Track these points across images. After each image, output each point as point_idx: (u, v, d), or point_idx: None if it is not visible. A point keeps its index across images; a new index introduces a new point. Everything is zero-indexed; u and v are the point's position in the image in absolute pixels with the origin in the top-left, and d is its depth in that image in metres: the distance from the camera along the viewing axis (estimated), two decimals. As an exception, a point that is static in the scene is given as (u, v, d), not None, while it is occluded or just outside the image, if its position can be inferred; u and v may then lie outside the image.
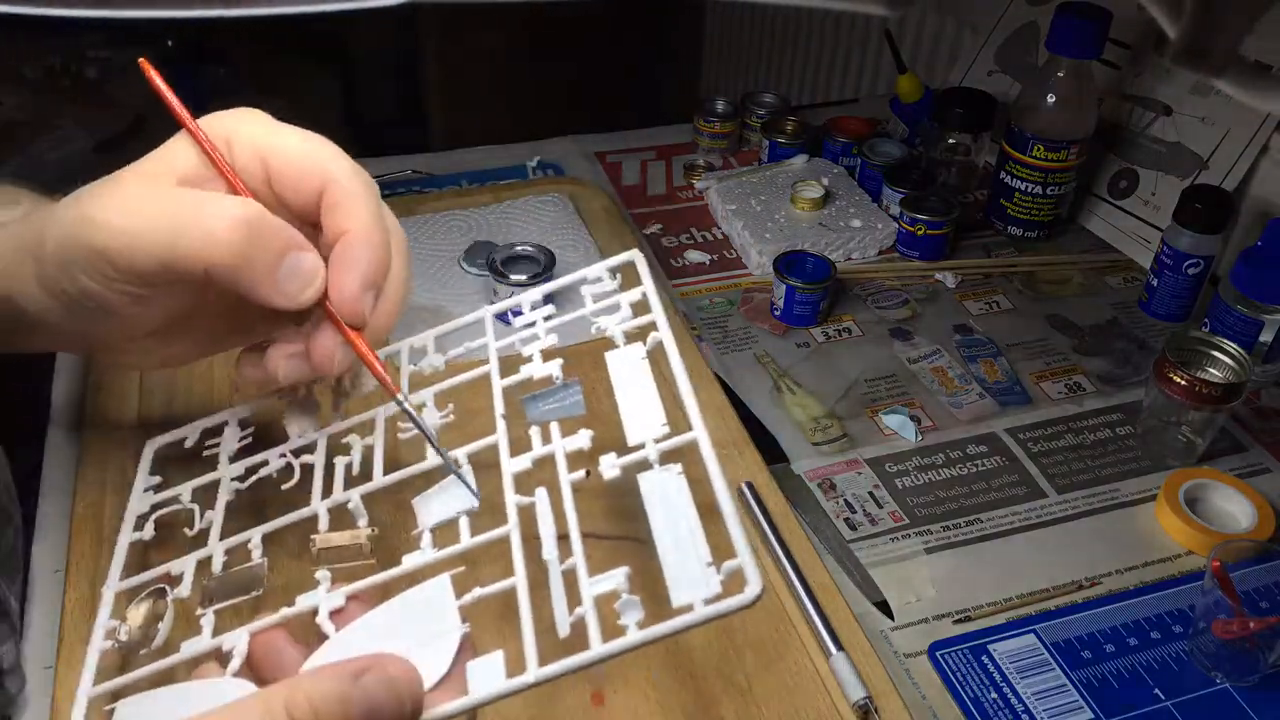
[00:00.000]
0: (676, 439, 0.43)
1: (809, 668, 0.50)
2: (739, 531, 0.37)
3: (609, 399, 0.46)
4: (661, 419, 0.44)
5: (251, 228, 0.41)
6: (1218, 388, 0.62)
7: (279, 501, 0.50)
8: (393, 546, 0.47)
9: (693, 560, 0.38)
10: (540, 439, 0.46)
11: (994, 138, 0.91)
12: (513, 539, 0.42)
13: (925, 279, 0.82)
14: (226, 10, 0.29)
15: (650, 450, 0.43)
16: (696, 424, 0.43)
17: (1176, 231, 0.76)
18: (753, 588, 0.36)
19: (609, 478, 0.43)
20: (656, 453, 0.43)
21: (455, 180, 0.91)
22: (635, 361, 0.48)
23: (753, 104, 0.99)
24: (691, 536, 0.39)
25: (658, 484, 0.42)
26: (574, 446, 0.45)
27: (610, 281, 0.53)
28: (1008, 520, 0.63)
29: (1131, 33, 0.88)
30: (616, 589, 0.38)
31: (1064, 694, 0.52)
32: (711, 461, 0.41)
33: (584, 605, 0.38)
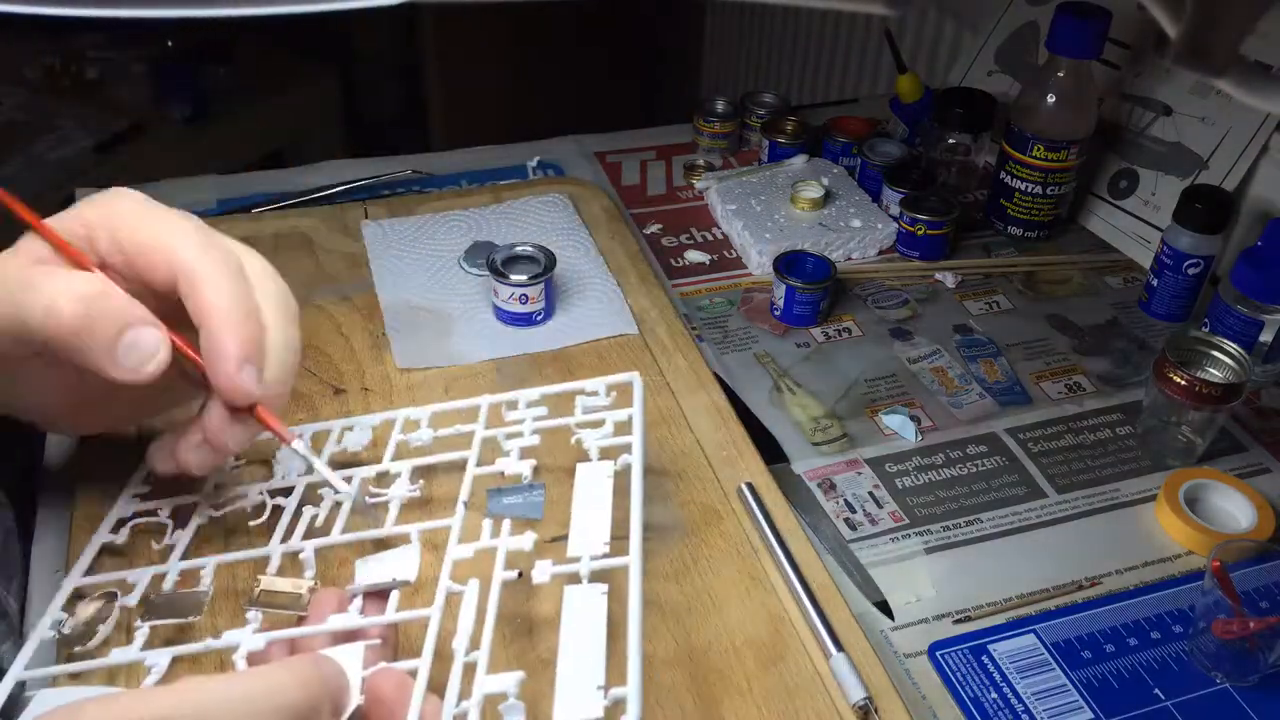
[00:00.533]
0: (610, 561, 0.45)
1: (809, 668, 0.50)
2: (636, 662, 0.39)
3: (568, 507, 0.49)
4: (605, 538, 0.46)
5: (90, 303, 0.43)
6: (1218, 388, 0.62)
7: (243, 535, 0.53)
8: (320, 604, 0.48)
9: (587, 680, 0.39)
10: (491, 531, 0.49)
11: (994, 138, 0.91)
12: (431, 623, 0.43)
13: (925, 279, 0.82)
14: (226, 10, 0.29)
15: (584, 566, 0.45)
16: (635, 551, 0.44)
17: (1176, 231, 0.76)
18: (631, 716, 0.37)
19: (537, 582, 0.45)
20: (589, 570, 0.45)
21: (455, 180, 0.91)
22: (601, 479, 0.50)
23: (753, 104, 0.99)
24: (594, 657, 0.41)
25: (581, 600, 0.43)
26: (515, 546, 0.47)
27: (604, 398, 0.56)
28: (1008, 520, 0.63)
29: (1131, 33, 0.88)
30: (505, 691, 0.39)
31: (1064, 694, 0.52)
32: (635, 589, 0.42)
33: (471, 700, 0.39)
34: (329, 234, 0.79)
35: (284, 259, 0.76)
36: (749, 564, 0.55)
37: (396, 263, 0.76)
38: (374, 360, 0.67)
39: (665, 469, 0.61)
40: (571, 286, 0.74)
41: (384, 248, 0.78)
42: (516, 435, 0.55)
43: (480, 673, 0.40)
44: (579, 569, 0.45)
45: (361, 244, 0.78)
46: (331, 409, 0.63)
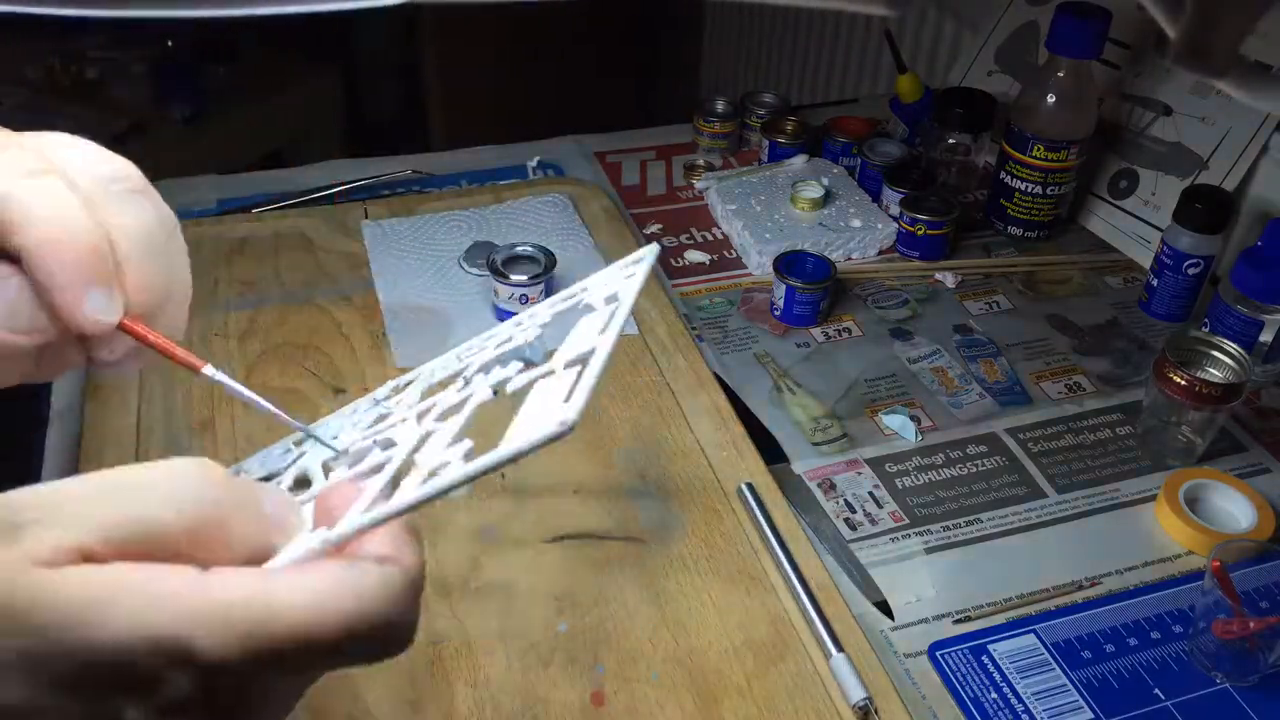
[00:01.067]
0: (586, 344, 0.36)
1: (809, 668, 0.50)
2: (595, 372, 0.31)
3: None
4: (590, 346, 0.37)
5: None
6: (1218, 388, 0.62)
7: None
8: None
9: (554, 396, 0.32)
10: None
11: (994, 138, 0.91)
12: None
13: (925, 279, 0.82)
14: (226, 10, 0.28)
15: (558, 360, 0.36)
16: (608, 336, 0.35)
17: (1176, 231, 0.76)
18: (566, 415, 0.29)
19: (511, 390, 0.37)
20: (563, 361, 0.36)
21: (455, 180, 0.91)
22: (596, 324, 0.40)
23: (753, 104, 0.99)
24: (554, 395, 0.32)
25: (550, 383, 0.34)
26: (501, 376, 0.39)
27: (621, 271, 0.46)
28: (1008, 520, 0.63)
29: (1131, 33, 0.88)
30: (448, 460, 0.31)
31: (1064, 694, 0.52)
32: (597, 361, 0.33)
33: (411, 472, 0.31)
34: (329, 234, 0.79)
35: (284, 259, 0.76)
36: (749, 564, 0.55)
37: (396, 263, 0.76)
38: (374, 360, 0.67)
39: (665, 469, 0.61)
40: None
41: (384, 248, 0.78)
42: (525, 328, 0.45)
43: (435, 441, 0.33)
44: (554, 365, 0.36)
45: (361, 244, 0.78)
46: (332, 409, 0.63)
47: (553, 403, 0.31)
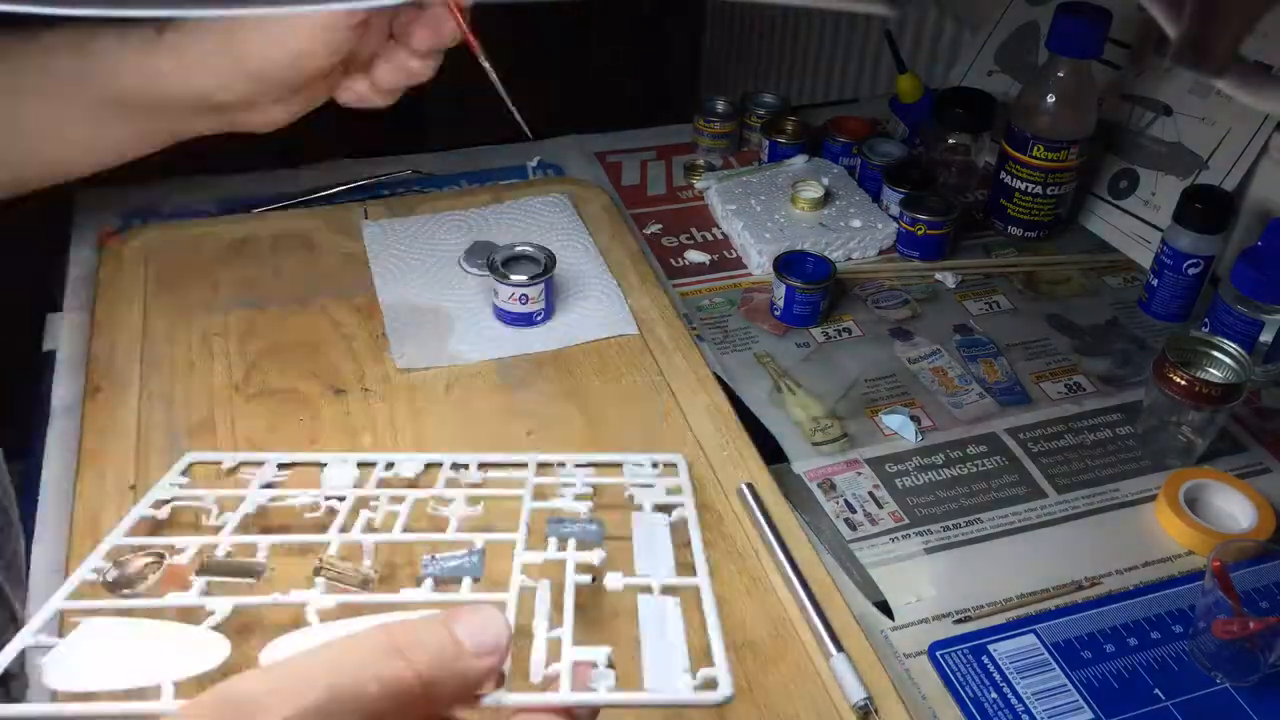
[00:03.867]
0: (680, 579, 0.47)
1: (809, 668, 0.50)
2: (720, 645, 0.41)
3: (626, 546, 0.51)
4: (670, 566, 0.49)
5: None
6: (1218, 388, 0.62)
7: (296, 528, 0.53)
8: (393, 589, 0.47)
9: (674, 665, 0.40)
10: (557, 547, 0.49)
11: (994, 138, 0.91)
12: (509, 604, 0.43)
13: (925, 279, 0.82)
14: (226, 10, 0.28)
15: (655, 580, 0.46)
16: (702, 574, 0.47)
17: (1176, 231, 0.76)
18: (724, 690, 0.38)
19: (611, 588, 0.46)
20: (660, 585, 0.46)
21: (455, 180, 0.91)
22: (658, 524, 0.53)
23: (753, 104, 0.99)
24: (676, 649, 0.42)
25: (654, 607, 0.45)
26: (584, 559, 0.48)
27: (651, 469, 0.59)
28: (1008, 520, 0.63)
29: (1131, 33, 0.88)
30: (595, 659, 0.39)
31: (1064, 694, 0.52)
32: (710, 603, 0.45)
33: (561, 663, 0.39)
34: (329, 234, 0.79)
35: (284, 259, 0.76)
36: (749, 564, 0.55)
37: (396, 263, 0.76)
38: (374, 360, 0.67)
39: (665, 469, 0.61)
40: (571, 286, 0.74)
41: (384, 248, 0.78)
42: (569, 485, 0.56)
43: (566, 644, 0.40)
44: (650, 582, 0.46)
45: (361, 244, 0.78)
46: (332, 409, 0.63)
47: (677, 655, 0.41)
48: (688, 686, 0.38)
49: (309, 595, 0.44)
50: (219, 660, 0.40)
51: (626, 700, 0.37)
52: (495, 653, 0.34)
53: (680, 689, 0.38)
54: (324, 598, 0.44)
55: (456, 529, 0.51)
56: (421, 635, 0.33)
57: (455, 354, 0.68)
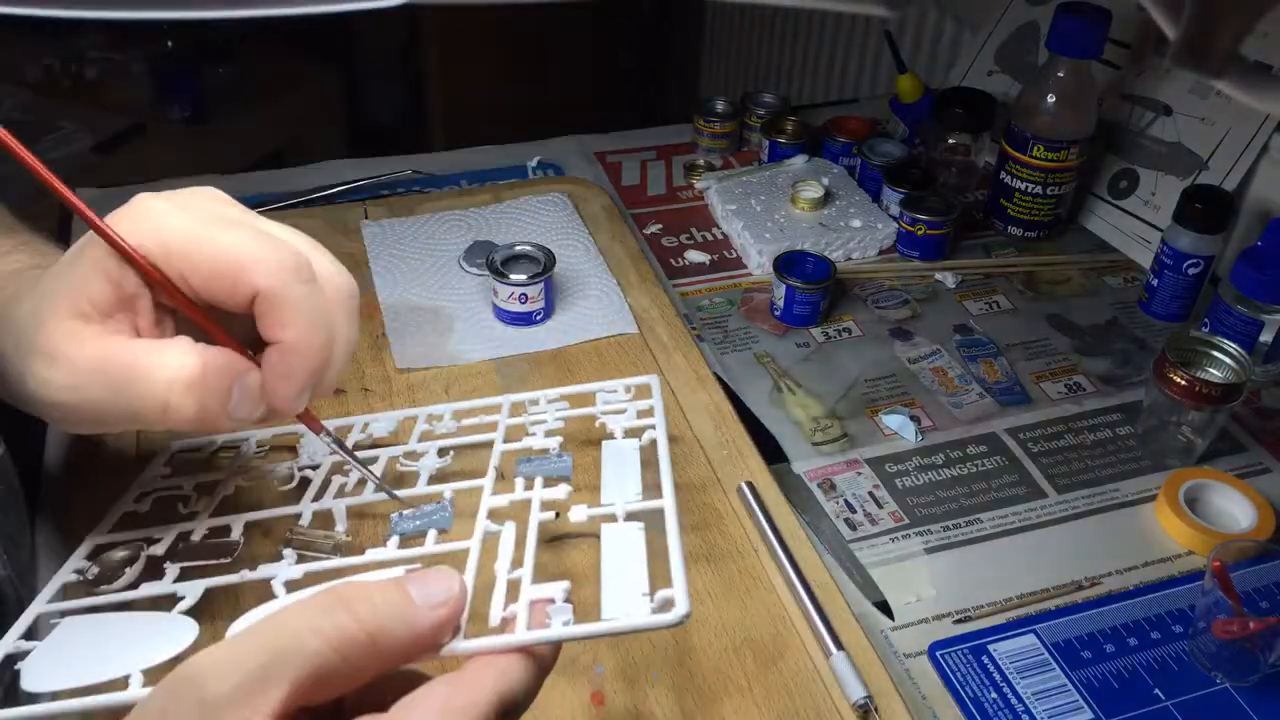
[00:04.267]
0: (645, 503, 0.45)
1: (809, 668, 0.50)
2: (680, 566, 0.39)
3: (596, 476, 0.50)
4: (637, 490, 0.48)
5: (202, 383, 0.41)
6: (1218, 388, 0.62)
7: (271, 502, 0.53)
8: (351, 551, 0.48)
9: (632, 590, 0.40)
10: (524, 488, 0.49)
11: (994, 138, 0.91)
12: (471, 552, 0.43)
13: (925, 279, 0.82)
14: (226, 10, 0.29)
15: (619, 508, 0.45)
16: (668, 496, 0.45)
17: (1176, 231, 0.76)
18: (679, 609, 0.37)
19: (575, 521, 0.45)
20: (624, 511, 0.45)
21: (455, 180, 0.91)
22: (628, 449, 0.52)
23: (753, 104, 0.99)
24: (636, 574, 0.41)
25: (618, 533, 0.44)
26: (550, 496, 0.47)
27: (624, 395, 0.58)
28: (1008, 520, 0.63)
29: (1131, 33, 0.88)
30: (553, 595, 0.39)
31: (1064, 694, 0.52)
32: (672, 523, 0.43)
33: (518, 603, 0.38)
34: (329, 234, 0.79)
35: (284, 259, 0.76)
36: (749, 563, 0.55)
37: (396, 263, 0.76)
38: (374, 360, 0.67)
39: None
40: (571, 286, 0.74)
41: (384, 248, 0.78)
42: (540, 422, 0.56)
43: (525, 583, 0.40)
44: (614, 510, 0.45)
45: (361, 244, 0.78)
46: (332, 409, 0.63)
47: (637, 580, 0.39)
48: (644, 610, 0.37)
49: (276, 568, 0.45)
50: (188, 643, 0.40)
51: (581, 633, 0.37)
52: (446, 604, 0.34)
53: (634, 614, 0.37)
54: (290, 568, 0.45)
55: (427, 482, 0.52)
56: (369, 590, 0.33)
57: (455, 354, 0.68)
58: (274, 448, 0.58)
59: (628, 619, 0.37)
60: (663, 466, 0.48)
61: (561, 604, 0.38)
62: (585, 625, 0.36)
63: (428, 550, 0.45)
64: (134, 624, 0.43)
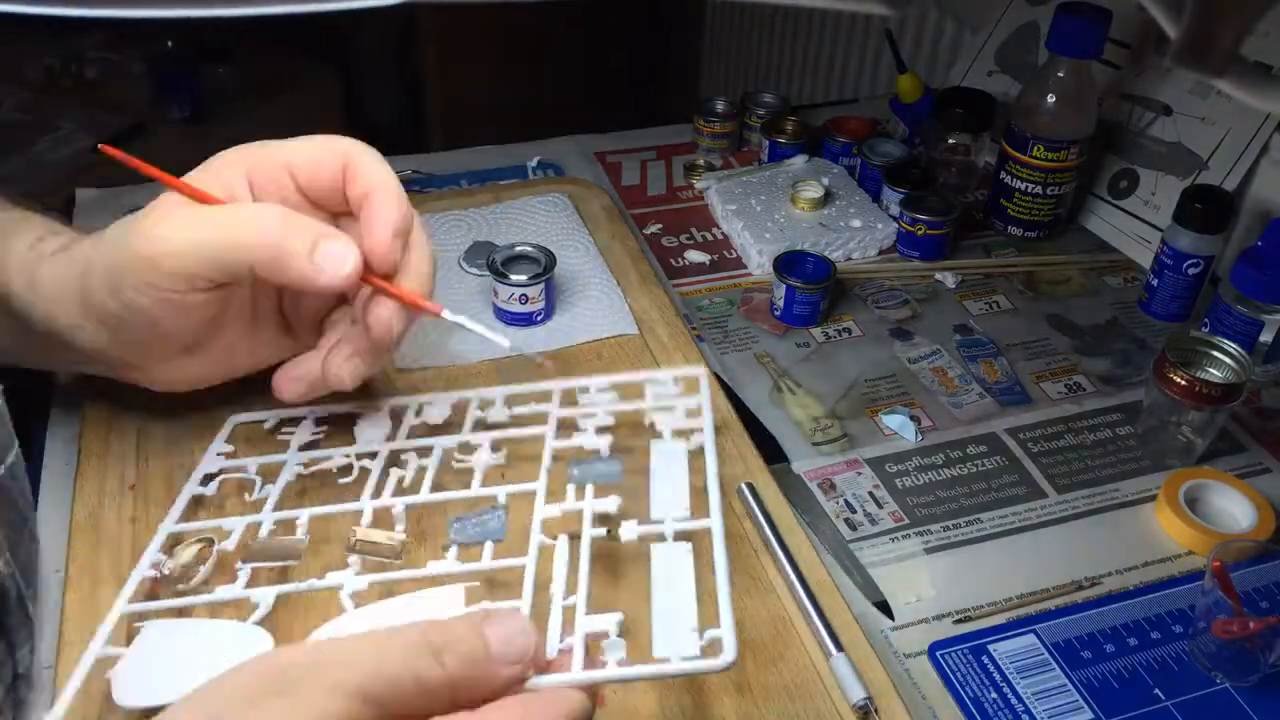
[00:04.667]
0: (693, 523, 0.48)
1: (809, 668, 0.50)
2: (728, 606, 0.41)
3: (645, 480, 0.53)
4: (685, 505, 0.50)
5: (285, 217, 0.49)
6: (1218, 388, 0.62)
7: (332, 493, 0.55)
8: (421, 558, 0.51)
9: (681, 624, 0.42)
10: (575, 496, 0.51)
11: (994, 138, 0.91)
12: (527, 570, 0.46)
13: (925, 279, 0.82)
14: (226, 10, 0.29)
15: (668, 526, 0.48)
16: (715, 514, 0.48)
17: (1176, 231, 0.76)
18: (727, 655, 0.39)
19: (625, 539, 0.48)
20: (673, 530, 0.48)
21: (455, 180, 0.91)
22: (676, 454, 0.54)
23: (753, 104, 0.99)
24: (685, 604, 0.44)
25: (667, 556, 0.47)
26: (601, 508, 0.50)
27: (673, 387, 0.60)
28: (1008, 520, 0.63)
29: (1131, 33, 0.88)
30: (607, 629, 0.41)
31: (1064, 694, 0.52)
32: (720, 550, 0.46)
33: (574, 636, 0.41)
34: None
35: (284, 259, 0.76)
36: (749, 564, 0.55)
37: (396, 263, 0.76)
38: (374, 360, 0.67)
39: (665, 469, 0.61)
40: (571, 286, 0.74)
41: (384, 248, 0.78)
42: (590, 415, 0.58)
43: (580, 613, 0.42)
44: (663, 529, 0.48)
45: (361, 244, 0.78)
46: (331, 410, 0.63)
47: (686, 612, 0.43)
48: (694, 648, 0.40)
49: (343, 578, 0.47)
50: None
51: (634, 674, 0.40)
52: (521, 662, 0.36)
53: (683, 656, 0.40)
54: (357, 579, 0.47)
55: (480, 481, 0.54)
56: (454, 638, 0.35)
57: (455, 354, 0.68)
58: (330, 432, 0.59)
59: (679, 663, 0.40)
60: (710, 486, 0.50)
61: (615, 638, 0.41)
62: (638, 667, 0.40)
63: (484, 566, 0.47)
64: (212, 633, 0.46)
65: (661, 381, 0.60)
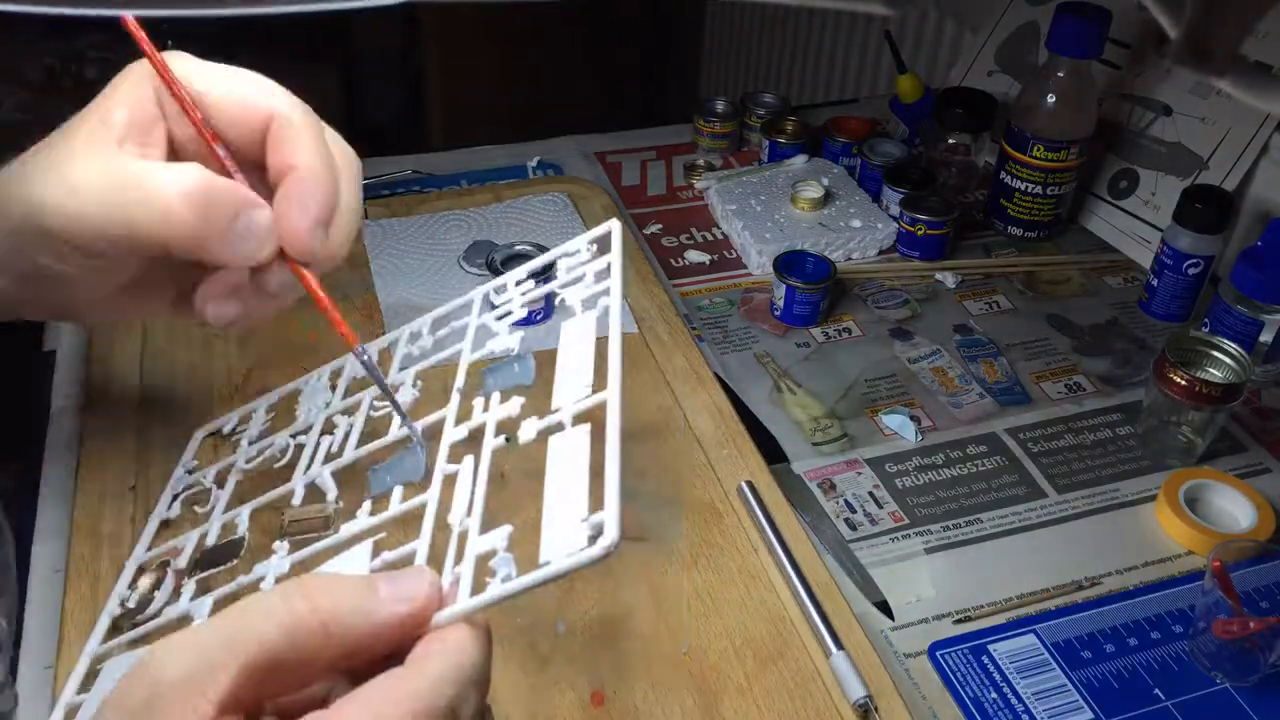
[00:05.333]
0: (590, 399, 0.42)
1: (809, 668, 0.50)
2: (615, 484, 0.36)
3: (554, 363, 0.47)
4: (588, 381, 0.44)
5: (204, 197, 0.41)
6: (1218, 388, 0.62)
7: (272, 480, 0.53)
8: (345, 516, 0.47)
9: (572, 516, 0.37)
10: (482, 408, 0.47)
11: (994, 138, 0.91)
12: (428, 509, 0.42)
13: (925, 279, 0.82)
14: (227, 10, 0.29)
15: (565, 413, 0.42)
16: (614, 382, 0.41)
17: (1176, 231, 0.76)
18: (606, 538, 0.34)
19: (523, 441, 0.43)
20: (570, 415, 0.42)
21: (455, 180, 0.91)
22: (584, 329, 0.47)
23: (753, 104, 0.99)
24: (577, 495, 0.38)
25: (562, 446, 0.41)
26: (504, 414, 0.45)
27: (586, 254, 0.52)
28: (1008, 520, 0.63)
29: (1131, 33, 0.88)
30: (495, 548, 0.37)
31: (1064, 694, 0.52)
32: (613, 418, 0.39)
33: (463, 564, 0.37)
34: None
35: (284, 259, 0.76)
36: (749, 563, 0.55)
37: (396, 263, 0.76)
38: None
39: (665, 469, 0.61)
40: (571, 286, 0.74)
41: (384, 248, 0.78)
42: (506, 315, 0.53)
43: (473, 535, 0.38)
44: (561, 417, 0.42)
45: (361, 244, 0.78)
46: (331, 409, 0.63)
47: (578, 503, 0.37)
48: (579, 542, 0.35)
49: (269, 565, 0.45)
50: None
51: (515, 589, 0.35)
52: (412, 601, 0.33)
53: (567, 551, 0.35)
54: (281, 562, 0.45)
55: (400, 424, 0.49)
56: (335, 581, 0.32)
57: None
58: (278, 416, 0.57)
59: (560, 561, 0.35)
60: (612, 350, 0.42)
61: (503, 555, 0.36)
62: (519, 580, 0.35)
63: (393, 513, 0.43)
64: None
65: (573, 252, 0.53)
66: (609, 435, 0.38)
